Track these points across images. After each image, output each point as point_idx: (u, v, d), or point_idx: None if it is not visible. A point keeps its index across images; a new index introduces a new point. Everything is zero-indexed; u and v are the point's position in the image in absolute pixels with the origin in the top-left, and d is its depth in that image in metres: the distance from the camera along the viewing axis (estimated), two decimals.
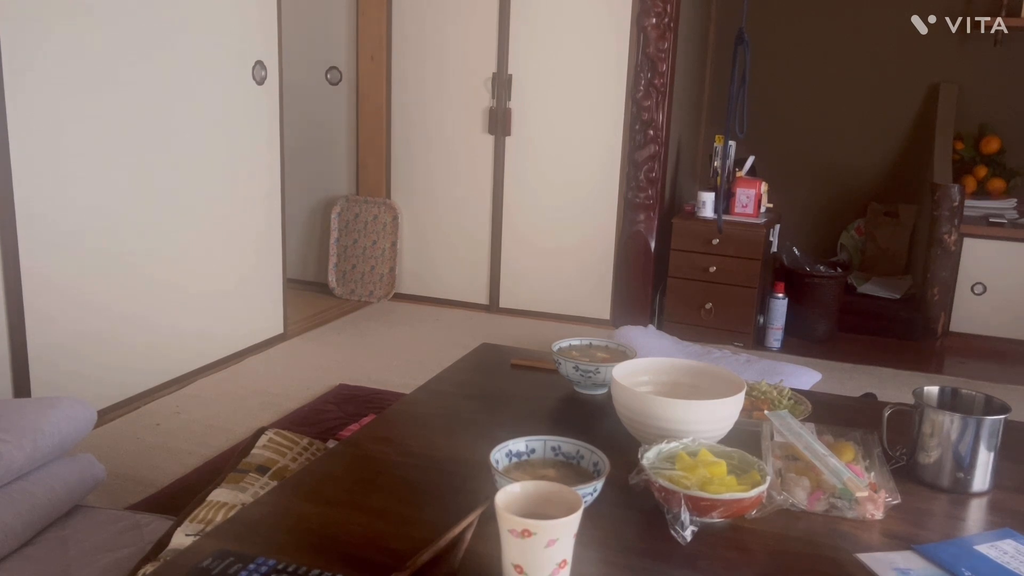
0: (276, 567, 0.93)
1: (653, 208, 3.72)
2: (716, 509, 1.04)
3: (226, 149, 3.04)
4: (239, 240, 3.18)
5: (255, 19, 3.11)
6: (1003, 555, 1.05)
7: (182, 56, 2.78)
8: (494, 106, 3.84)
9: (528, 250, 3.95)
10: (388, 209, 4.09)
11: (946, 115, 4.10)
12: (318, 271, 4.31)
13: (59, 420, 1.56)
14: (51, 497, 1.50)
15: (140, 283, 2.73)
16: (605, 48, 3.66)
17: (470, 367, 1.74)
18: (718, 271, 3.62)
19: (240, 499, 1.62)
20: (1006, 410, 1.25)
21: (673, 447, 1.17)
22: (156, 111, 2.71)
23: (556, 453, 1.16)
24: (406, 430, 1.41)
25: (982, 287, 3.79)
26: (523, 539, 0.87)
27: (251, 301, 3.30)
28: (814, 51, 4.37)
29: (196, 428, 2.59)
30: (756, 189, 3.65)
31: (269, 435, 1.89)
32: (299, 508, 1.12)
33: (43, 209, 2.36)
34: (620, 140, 3.72)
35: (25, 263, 2.32)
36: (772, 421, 1.30)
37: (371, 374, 3.12)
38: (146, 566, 1.35)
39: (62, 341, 2.47)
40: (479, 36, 3.81)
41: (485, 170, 3.94)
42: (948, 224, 3.70)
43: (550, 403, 1.55)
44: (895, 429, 1.33)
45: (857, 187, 4.44)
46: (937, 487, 1.24)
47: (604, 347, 1.65)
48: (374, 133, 4.07)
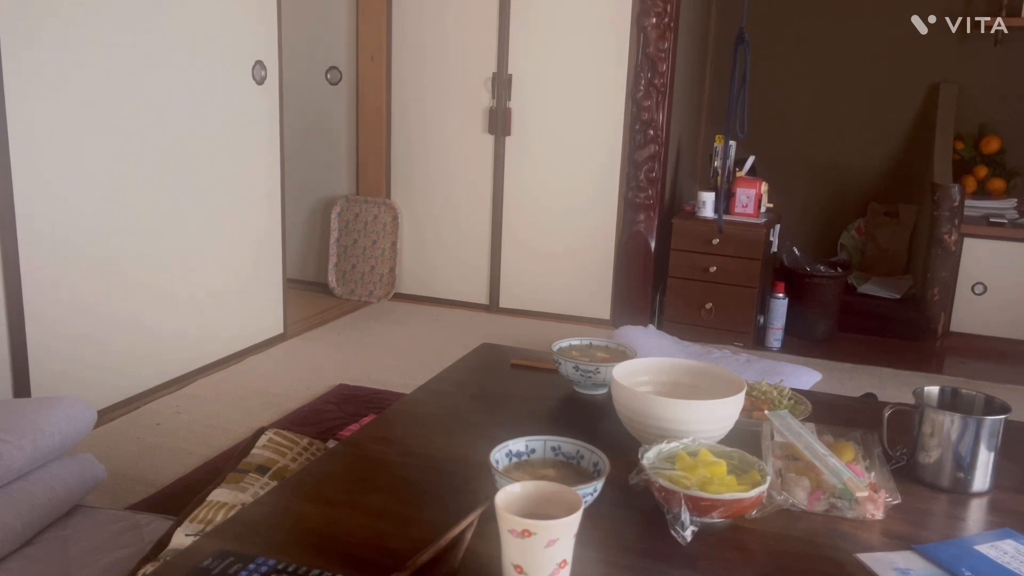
0: (276, 567, 0.93)
1: (653, 208, 3.72)
2: (716, 509, 1.04)
3: (226, 149, 3.04)
4: (239, 240, 3.18)
5: (255, 19, 3.11)
6: (1003, 555, 1.05)
7: (182, 56, 2.78)
8: (494, 106, 3.84)
9: (528, 250, 3.95)
10: (388, 209, 4.09)
11: (946, 115, 4.10)
12: (318, 271, 4.31)
13: (59, 420, 1.56)
14: (51, 497, 1.50)
15: (140, 283, 2.73)
16: (605, 48, 3.66)
17: (470, 367, 1.74)
18: (718, 271, 3.62)
19: (240, 499, 1.62)
20: (1006, 410, 1.25)
21: (673, 447, 1.17)
22: (156, 111, 2.71)
23: (556, 453, 1.16)
24: (406, 430, 1.41)
25: (982, 287, 3.79)
26: (523, 539, 0.87)
27: (251, 301, 3.30)
28: (814, 51, 4.37)
29: (196, 428, 2.59)
30: (756, 189, 3.65)
31: (269, 435, 1.89)
32: (299, 508, 1.12)
33: (43, 209, 2.36)
34: (620, 140, 3.72)
35: (25, 263, 2.32)
36: (772, 421, 1.30)
37: (371, 374, 3.12)
38: (146, 566, 1.35)
39: (62, 341, 2.47)
40: (479, 36, 3.81)
41: (485, 170, 3.94)
42: (948, 224, 3.70)
43: (550, 403, 1.55)
44: (895, 429, 1.33)
45: (857, 187, 4.44)
46: (937, 487, 1.24)
47: (604, 347, 1.65)
48: (374, 133, 4.07)
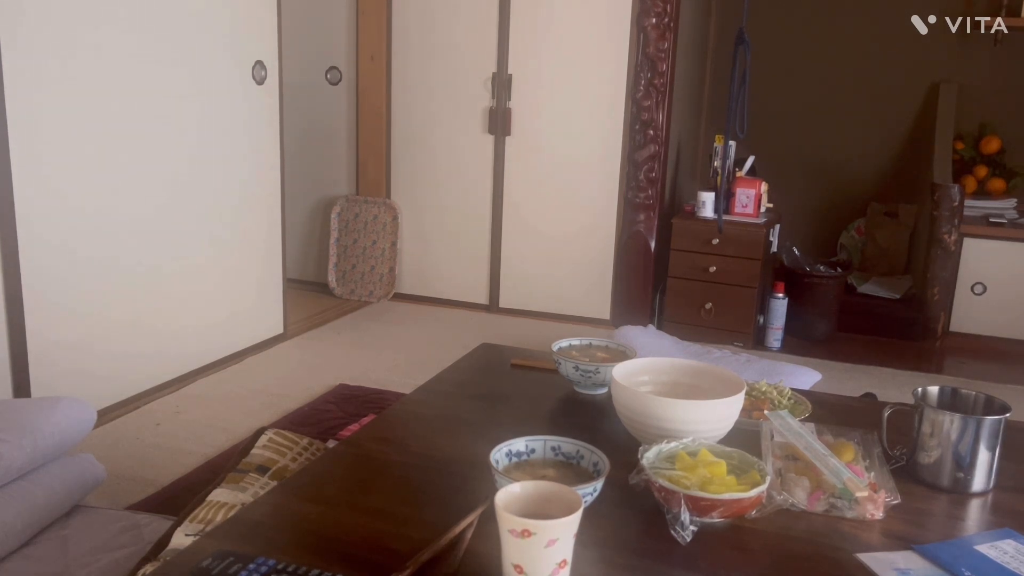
0: (276, 567, 0.93)
1: (653, 208, 3.72)
2: (716, 509, 1.04)
3: (226, 149, 3.04)
4: (239, 240, 3.18)
5: (255, 19, 3.11)
6: (1003, 555, 1.05)
7: (182, 56, 2.78)
8: (494, 106, 3.84)
9: (528, 250, 3.95)
10: (388, 209, 4.09)
11: (946, 115, 4.10)
12: (318, 271, 4.31)
13: (59, 420, 1.56)
14: (51, 497, 1.50)
15: (140, 283, 2.73)
16: (605, 48, 3.66)
17: (470, 367, 1.74)
18: (718, 271, 3.62)
19: (240, 499, 1.62)
20: (1006, 410, 1.25)
21: (673, 447, 1.17)
22: (156, 111, 2.71)
23: (556, 453, 1.16)
24: (406, 430, 1.41)
25: (982, 287, 3.79)
26: (523, 539, 0.87)
27: (251, 301, 3.30)
28: (814, 51, 4.37)
29: (196, 428, 2.59)
30: (756, 189, 3.65)
31: (269, 435, 1.89)
32: (299, 508, 1.12)
33: (43, 209, 2.36)
34: (620, 140, 3.71)
35: (25, 263, 2.32)
36: (772, 421, 1.30)
37: (371, 374, 3.12)
38: (146, 566, 1.35)
39: (62, 341, 2.47)
40: (479, 36, 3.81)
41: (485, 170, 3.93)
42: (948, 224, 3.70)
43: (550, 403, 1.55)
44: (895, 429, 1.33)
45: (857, 187, 4.44)
46: (937, 487, 1.24)
47: (604, 347, 1.65)
48: (374, 133, 4.07)
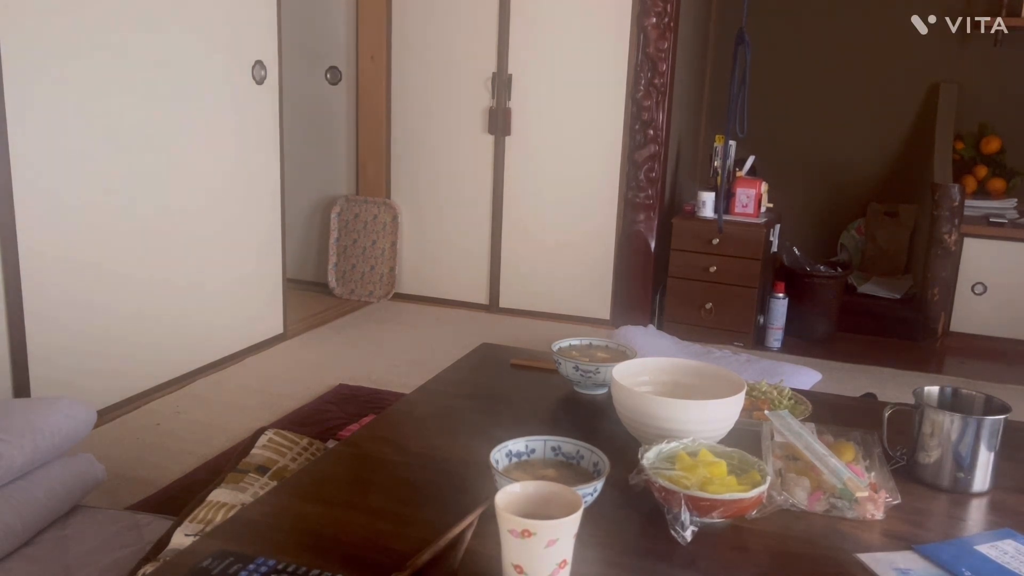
0: (276, 567, 0.93)
1: (653, 208, 3.72)
2: (716, 509, 1.04)
3: (226, 149, 3.04)
4: (239, 240, 3.18)
5: (255, 19, 3.11)
6: (1003, 555, 1.05)
7: (182, 56, 2.78)
8: (494, 106, 3.84)
9: (528, 250, 3.95)
10: (388, 209, 4.09)
11: (946, 115, 4.10)
12: (318, 271, 4.31)
13: (59, 420, 1.56)
14: (51, 497, 1.50)
15: (140, 283, 2.73)
16: (605, 48, 3.66)
17: (470, 367, 1.74)
18: (718, 271, 3.62)
19: (240, 499, 1.62)
20: (1006, 410, 1.25)
21: (673, 447, 1.17)
22: (156, 111, 2.70)
23: (556, 453, 1.16)
24: (406, 430, 1.41)
25: (982, 287, 3.79)
26: (523, 539, 0.87)
27: (251, 301, 3.30)
28: (814, 51, 4.37)
29: (196, 428, 2.58)
30: (756, 189, 3.65)
31: (269, 435, 1.89)
32: (299, 508, 1.12)
33: (43, 209, 2.36)
34: (620, 140, 3.71)
35: (24, 263, 2.32)
36: (772, 421, 1.30)
37: (371, 374, 3.12)
38: (146, 566, 1.35)
39: (62, 341, 2.47)
40: (479, 36, 3.81)
41: (485, 170, 3.93)
42: (948, 224, 3.70)
43: (550, 403, 1.55)
44: (895, 429, 1.33)
45: (857, 187, 4.44)
46: (937, 487, 1.24)
47: (604, 347, 1.65)
48: (374, 133, 4.07)
